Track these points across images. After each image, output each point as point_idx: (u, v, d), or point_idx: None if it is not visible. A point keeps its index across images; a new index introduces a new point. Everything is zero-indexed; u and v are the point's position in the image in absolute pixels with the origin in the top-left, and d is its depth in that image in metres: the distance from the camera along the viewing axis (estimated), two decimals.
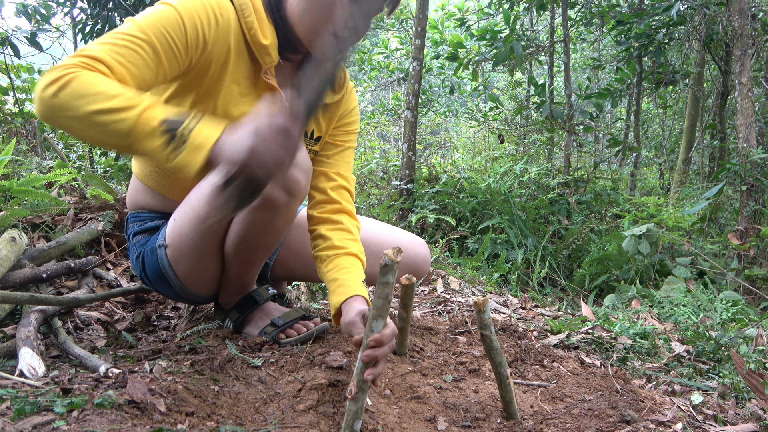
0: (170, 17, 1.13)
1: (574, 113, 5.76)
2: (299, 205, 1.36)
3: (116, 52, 1.05)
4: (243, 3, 1.24)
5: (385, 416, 1.16)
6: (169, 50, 1.13)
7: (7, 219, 1.99)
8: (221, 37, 1.21)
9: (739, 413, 1.42)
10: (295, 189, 1.27)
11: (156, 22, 1.11)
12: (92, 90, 0.98)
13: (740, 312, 2.78)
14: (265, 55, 1.26)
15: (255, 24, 1.23)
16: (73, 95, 0.97)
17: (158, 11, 1.14)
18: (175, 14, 1.14)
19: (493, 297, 2.63)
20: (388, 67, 9.13)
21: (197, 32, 1.16)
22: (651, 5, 5.89)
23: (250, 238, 1.35)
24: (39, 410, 0.95)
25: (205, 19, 1.17)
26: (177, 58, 1.15)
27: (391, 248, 0.94)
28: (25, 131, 3.77)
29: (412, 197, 5.33)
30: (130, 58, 1.07)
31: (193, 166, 0.98)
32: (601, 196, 5.36)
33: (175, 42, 1.13)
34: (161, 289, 1.51)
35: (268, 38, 1.25)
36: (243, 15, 1.23)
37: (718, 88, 6.78)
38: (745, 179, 3.90)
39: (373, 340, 1.01)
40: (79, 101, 0.97)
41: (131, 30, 1.09)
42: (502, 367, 1.19)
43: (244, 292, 1.57)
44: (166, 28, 1.12)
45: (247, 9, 1.23)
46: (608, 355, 1.83)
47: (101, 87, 0.98)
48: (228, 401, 1.14)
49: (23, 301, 1.46)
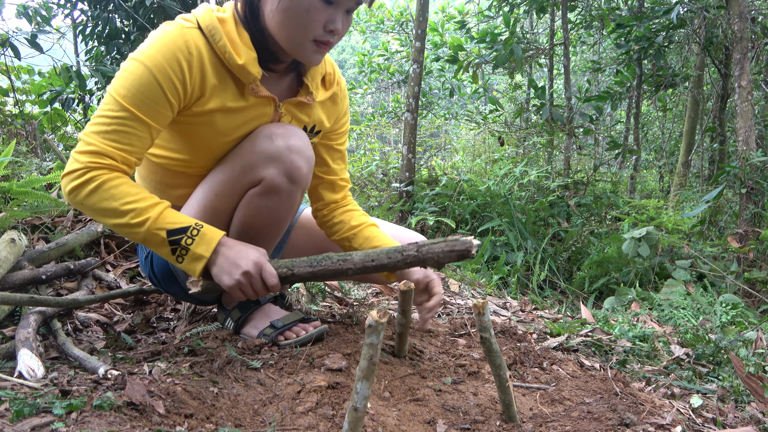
0: (144, 80, 1.18)
1: (573, 116, 5.76)
2: (301, 193, 1.37)
3: (111, 140, 1.18)
4: (212, 28, 1.23)
5: (384, 418, 1.16)
6: (153, 112, 1.20)
7: (6, 220, 1.99)
8: (197, 74, 1.23)
9: (739, 416, 1.42)
10: (297, 175, 1.31)
11: (134, 91, 1.18)
12: (107, 206, 1.17)
13: (740, 315, 2.78)
14: (244, 74, 1.26)
15: (227, 47, 1.23)
16: (92, 209, 1.19)
17: (132, 76, 1.18)
18: (148, 74, 1.18)
19: (492, 299, 2.63)
20: (388, 69, 9.14)
21: (173, 83, 1.20)
22: (651, 8, 5.90)
23: (254, 226, 1.37)
24: (38, 412, 0.95)
25: (177, 67, 1.19)
26: (162, 113, 1.22)
27: (376, 310, 0.94)
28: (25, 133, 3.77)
29: (411, 199, 5.33)
30: (125, 141, 1.19)
31: (194, 272, 1.22)
32: (600, 199, 5.36)
33: (156, 102, 1.20)
34: (169, 288, 1.53)
35: (242, 57, 1.24)
36: (214, 41, 1.23)
37: (717, 91, 6.79)
38: (744, 182, 3.91)
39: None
40: (99, 216, 1.20)
41: (115, 110, 1.18)
42: (502, 369, 1.19)
43: None
44: (144, 93, 1.18)
45: (216, 34, 1.23)
46: (608, 358, 1.83)
47: (114, 202, 1.17)
48: (227, 403, 1.14)
49: (22, 303, 1.46)
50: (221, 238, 1.23)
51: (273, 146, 1.29)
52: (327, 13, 1.21)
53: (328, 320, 1.76)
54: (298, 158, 1.29)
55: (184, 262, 1.21)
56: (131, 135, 1.19)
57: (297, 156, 1.29)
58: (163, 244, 1.19)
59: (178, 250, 1.19)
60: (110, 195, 1.17)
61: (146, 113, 1.19)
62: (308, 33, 1.22)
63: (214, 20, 1.24)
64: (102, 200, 1.17)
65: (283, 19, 1.21)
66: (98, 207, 1.18)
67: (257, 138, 1.31)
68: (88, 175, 1.17)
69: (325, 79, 1.44)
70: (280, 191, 1.31)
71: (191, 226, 1.20)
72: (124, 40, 4.31)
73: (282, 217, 1.38)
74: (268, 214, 1.35)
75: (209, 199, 1.35)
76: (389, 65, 9.19)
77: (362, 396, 0.94)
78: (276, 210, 1.34)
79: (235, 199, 1.35)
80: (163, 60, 1.18)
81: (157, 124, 1.22)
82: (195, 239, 1.19)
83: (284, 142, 1.29)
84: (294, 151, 1.29)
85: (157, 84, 1.18)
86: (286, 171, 1.28)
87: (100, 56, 4.40)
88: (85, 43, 4.45)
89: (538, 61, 7.34)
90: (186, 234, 1.19)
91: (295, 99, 1.37)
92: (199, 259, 1.20)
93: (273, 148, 1.29)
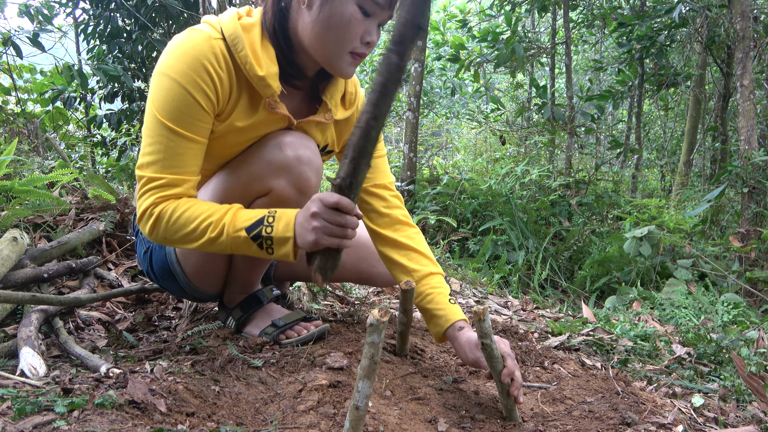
0: (179, 96, 1.17)
1: (575, 115, 5.76)
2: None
3: (167, 167, 1.19)
4: (235, 38, 1.20)
5: (385, 417, 1.16)
6: (194, 126, 1.20)
7: (8, 219, 2.00)
8: (225, 82, 1.22)
9: (740, 416, 1.42)
10: (306, 186, 1.30)
11: (171, 110, 1.17)
12: (186, 231, 1.19)
13: (741, 314, 2.77)
14: (263, 87, 1.23)
15: (249, 57, 1.20)
16: (175, 241, 1.21)
17: (167, 93, 1.17)
18: (181, 90, 1.16)
19: (494, 298, 2.63)
20: None
21: (205, 94, 1.19)
22: (653, 7, 5.89)
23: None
24: (40, 410, 0.95)
25: (207, 77, 1.18)
26: (202, 125, 1.21)
27: (377, 309, 0.93)
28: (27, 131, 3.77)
29: (413, 198, 5.33)
30: (180, 164, 1.20)
31: (288, 256, 1.17)
32: (602, 198, 5.35)
33: (194, 115, 1.19)
34: (167, 285, 1.52)
35: (263, 69, 1.21)
36: (236, 50, 1.20)
37: (719, 91, 6.78)
38: (746, 181, 3.90)
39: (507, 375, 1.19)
40: (184, 244, 1.21)
41: (159, 132, 1.18)
42: (503, 375, 1.20)
43: (248, 291, 1.57)
44: (181, 110, 1.17)
45: (239, 44, 1.20)
46: (609, 357, 1.83)
47: (190, 225, 1.18)
48: (228, 402, 1.14)
49: (24, 301, 1.47)
50: (295, 215, 1.17)
51: (282, 156, 1.27)
52: (365, 24, 1.20)
53: (329, 319, 1.76)
54: (307, 169, 1.28)
55: (275, 252, 1.18)
56: (183, 155, 1.20)
57: (306, 167, 1.28)
58: (248, 242, 1.18)
59: (263, 242, 1.17)
60: (184, 221, 1.18)
61: (188, 128, 1.19)
62: (347, 44, 1.20)
63: (238, 29, 1.21)
64: (180, 229, 1.19)
65: (322, 31, 1.19)
66: (179, 236, 1.20)
67: (266, 147, 1.29)
68: (156, 211, 1.19)
69: (345, 98, 1.41)
70: (289, 203, 1.29)
71: (265, 216, 1.18)
72: (125, 39, 4.31)
73: None
74: None
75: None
76: None
77: (363, 395, 0.94)
78: None
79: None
80: (194, 74, 1.17)
81: (201, 137, 1.22)
82: (273, 225, 1.17)
83: (294, 152, 1.28)
84: (303, 162, 1.28)
85: (192, 98, 1.17)
86: (295, 182, 1.28)
87: (102, 55, 4.41)
88: (87, 41, 4.45)
89: (540, 60, 7.34)
90: (263, 224, 1.17)
91: (312, 118, 1.34)
92: (285, 241, 1.16)
93: (282, 158, 1.27)
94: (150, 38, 4.21)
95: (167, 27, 4.29)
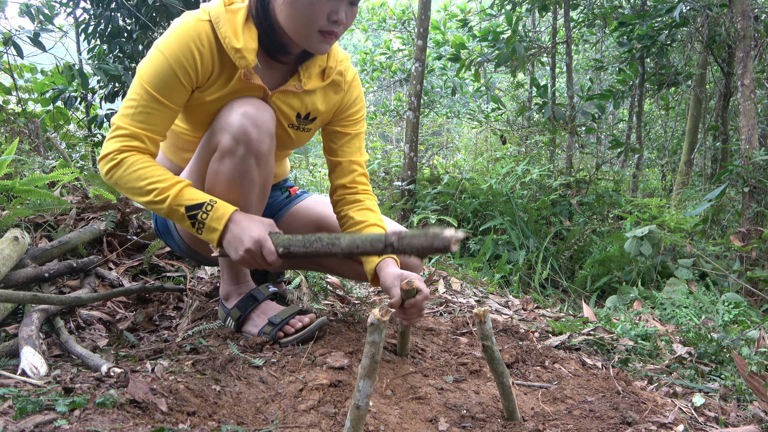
0: (163, 69, 1.33)
1: (576, 114, 5.75)
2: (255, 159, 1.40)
3: (137, 121, 1.35)
4: (218, 17, 1.34)
5: (386, 417, 1.16)
6: (170, 94, 1.36)
7: (9, 218, 2.00)
8: (207, 61, 1.36)
9: (741, 415, 1.42)
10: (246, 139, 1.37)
11: (153, 77, 1.34)
12: (135, 185, 1.34)
13: (742, 314, 2.77)
14: (239, 59, 1.35)
15: (229, 32, 1.34)
16: (124, 188, 1.36)
17: (153, 63, 1.34)
18: (166, 64, 1.33)
19: (494, 298, 2.63)
20: (390, 67, 9.13)
21: (186, 71, 1.35)
22: (653, 7, 5.88)
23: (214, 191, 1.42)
24: (41, 409, 0.95)
25: (190, 56, 1.34)
26: (178, 96, 1.37)
27: (378, 308, 0.94)
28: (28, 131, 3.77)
29: (413, 198, 5.33)
30: (149, 121, 1.36)
31: (212, 242, 1.35)
32: (603, 198, 5.35)
33: (172, 86, 1.35)
34: (168, 242, 1.67)
35: (240, 42, 1.34)
36: (218, 27, 1.34)
37: (720, 90, 6.77)
38: (747, 181, 3.90)
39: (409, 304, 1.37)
40: (129, 194, 1.37)
41: (140, 93, 1.35)
42: (504, 377, 1.19)
43: (239, 282, 1.62)
44: (162, 79, 1.34)
45: (221, 20, 1.34)
46: (610, 357, 1.83)
47: (140, 182, 1.33)
48: (229, 401, 1.15)
49: (25, 301, 1.47)
50: (231, 214, 1.34)
51: (230, 115, 1.38)
52: (330, 4, 1.29)
53: (330, 319, 1.76)
54: (247, 122, 1.36)
55: (203, 233, 1.34)
56: (154, 116, 1.36)
57: (247, 120, 1.36)
58: (183, 218, 1.33)
59: (196, 223, 1.33)
60: (138, 176, 1.33)
61: (164, 95, 1.34)
62: (313, 24, 1.31)
63: (222, 10, 1.35)
64: (131, 180, 1.34)
65: (290, 12, 1.31)
66: (128, 186, 1.35)
67: (222, 110, 1.41)
68: (119, 157, 1.34)
69: (325, 72, 1.50)
70: (232, 155, 1.37)
71: (206, 203, 1.33)
72: (126, 39, 4.31)
73: (237, 183, 1.40)
74: (223, 179, 1.40)
75: (193, 165, 1.49)
76: (391, 64, 9.17)
77: (364, 394, 0.94)
78: (230, 175, 1.39)
79: (205, 166, 1.43)
80: (179, 52, 1.33)
81: (175, 105, 1.37)
82: (209, 214, 1.32)
83: (240, 109, 1.37)
84: (246, 117, 1.36)
85: (173, 72, 1.33)
86: (235, 135, 1.36)
87: (103, 54, 4.41)
88: (88, 41, 4.45)
89: (541, 60, 7.33)
90: (201, 209, 1.33)
91: (282, 88, 1.45)
92: (213, 231, 1.33)
93: (230, 117, 1.38)
94: (151, 38, 4.20)
95: (168, 27, 4.29)
